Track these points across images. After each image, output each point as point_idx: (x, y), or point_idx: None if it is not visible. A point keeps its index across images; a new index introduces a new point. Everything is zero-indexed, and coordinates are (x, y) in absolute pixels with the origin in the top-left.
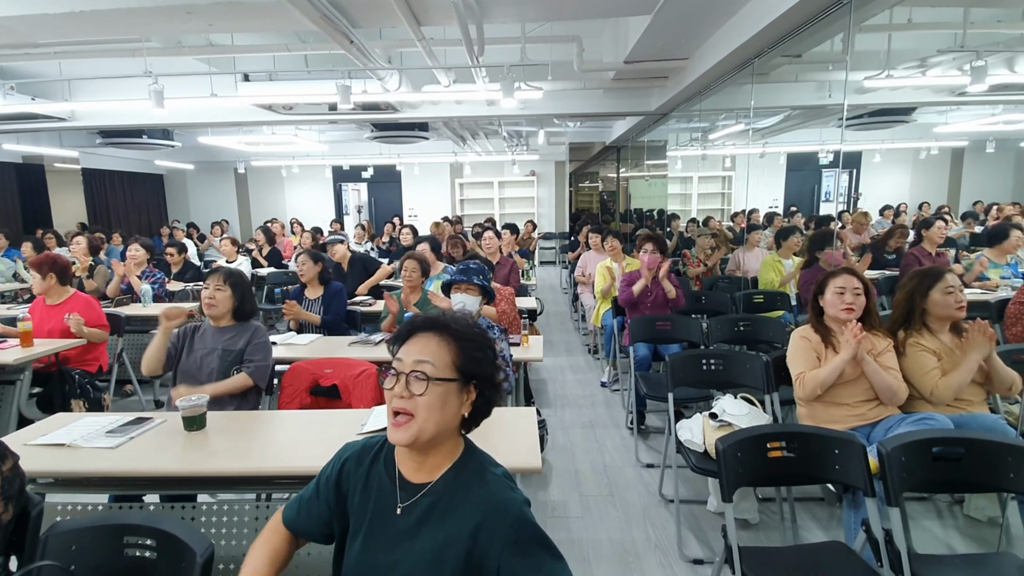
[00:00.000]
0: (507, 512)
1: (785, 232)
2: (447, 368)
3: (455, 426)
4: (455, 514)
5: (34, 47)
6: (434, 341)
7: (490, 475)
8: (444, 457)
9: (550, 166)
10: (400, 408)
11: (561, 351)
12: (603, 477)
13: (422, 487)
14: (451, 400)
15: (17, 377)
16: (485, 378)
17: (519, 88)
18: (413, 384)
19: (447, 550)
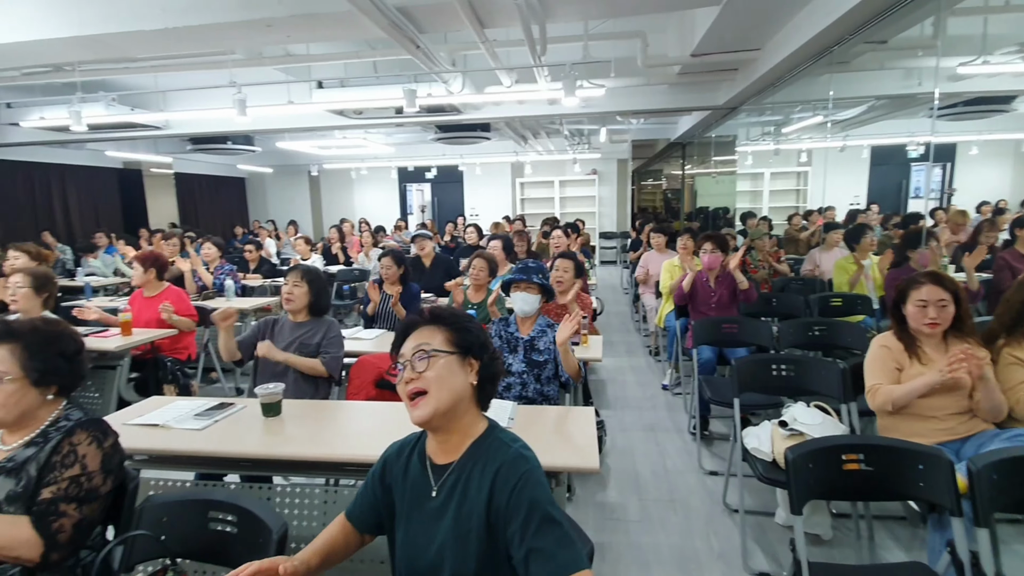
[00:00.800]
0: (513, 471)
1: (855, 232)
2: (443, 344)
3: (468, 396)
4: (473, 484)
5: (132, 61)
6: (425, 330)
7: (504, 446)
8: (465, 434)
9: (612, 164)
10: (413, 389)
11: (621, 352)
12: (664, 482)
13: (448, 467)
14: (456, 370)
15: (118, 363)
16: (480, 346)
17: (581, 86)
18: (417, 363)
19: (470, 520)
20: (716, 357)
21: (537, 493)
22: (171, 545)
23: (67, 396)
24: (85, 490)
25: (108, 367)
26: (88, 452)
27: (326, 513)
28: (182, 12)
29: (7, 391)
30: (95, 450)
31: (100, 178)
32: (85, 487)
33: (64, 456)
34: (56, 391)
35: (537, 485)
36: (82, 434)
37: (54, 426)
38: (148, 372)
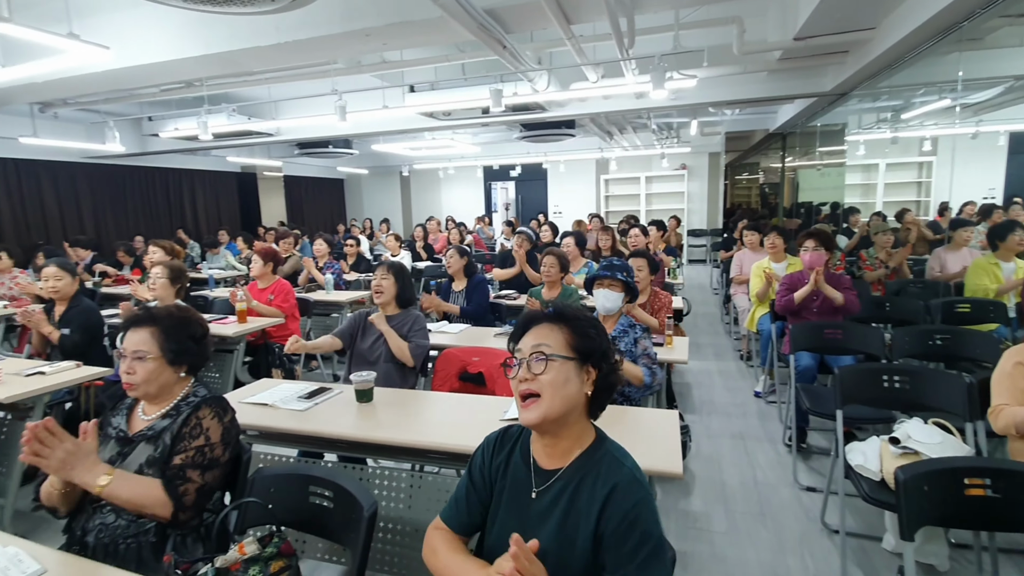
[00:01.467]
0: (629, 496)
1: (1002, 229)
2: (563, 348)
3: (581, 406)
4: (583, 498)
5: (250, 75)
6: (547, 328)
7: (618, 464)
8: (574, 442)
9: (703, 158)
10: (526, 391)
11: (709, 355)
12: (753, 494)
13: (554, 473)
14: (572, 378)
15: (235, 347)
16: (601, 354)
17: (671, 78)
18: (534, 365)
19: (576, 532)
20: (817, 365)
21: (650, 526)
22: (277, 513)
23: (195, 375)
24: (208, 459)
25: (227, 351)
26: (211, 426)
27: (412, 496)
28: (293, 28)
29: (148, 368)
30: (217, 424)
31: (222, 181)
32: (208, 456)
33: (192, 428)
34: (186, 370)
35: (651, 516)
36: (206, 409)
37: (184, 401)
38: (259, 356)
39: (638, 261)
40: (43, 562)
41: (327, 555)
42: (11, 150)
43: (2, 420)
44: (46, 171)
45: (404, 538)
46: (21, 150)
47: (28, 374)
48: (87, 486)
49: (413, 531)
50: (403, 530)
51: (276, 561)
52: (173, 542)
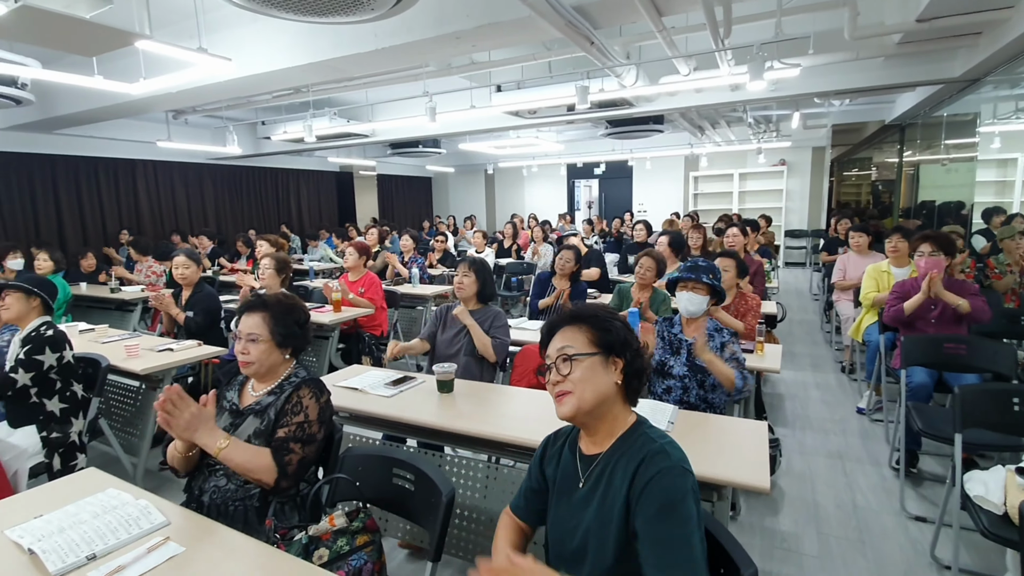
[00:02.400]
0: (654, 464)
1: None
2: (586, 346)
3: (614, 394)
4: (618, 475)
5: (350, 80)
6: (569, 330)
7: (651, 440)
8: (612, 428)
9: (804, 153)
10: (559, 391)
11: (805, 365)
12: (851, 519)
13: (595, 457)
14: (599, 371)
15: (330, 334)
16: (623, 344)
17: (771, 68)
18: (561, 367)
19: (612, 509)
20: (933, 382)
21: (672, 493)
22: (364, 491)
23: (297, 357)
24: (307, 434)
25: (323, 337)
26: (310, 404)
27: (487, 487)
28: (390, 34)
29: (259, 348)
30: (314, 403)
31: (322, 180)
32: (307, 432)
33: (293, 405)
34: (290, 352)
35: (675, 481)
36: (306, 389)
37: (287, 380)
38: (351, 344)
39: (725, 262)
40: (167, 515)
41: (407, 536)
42: (150, 153)
43: (137, 389)
44: (178, 171)
45: (479, 526)
46: (158, 153)
47: (159, 350)
48: (207, 447)
49: (488, 520)
50: (478, 518)
51: (361, 535)
52: (273, 508)
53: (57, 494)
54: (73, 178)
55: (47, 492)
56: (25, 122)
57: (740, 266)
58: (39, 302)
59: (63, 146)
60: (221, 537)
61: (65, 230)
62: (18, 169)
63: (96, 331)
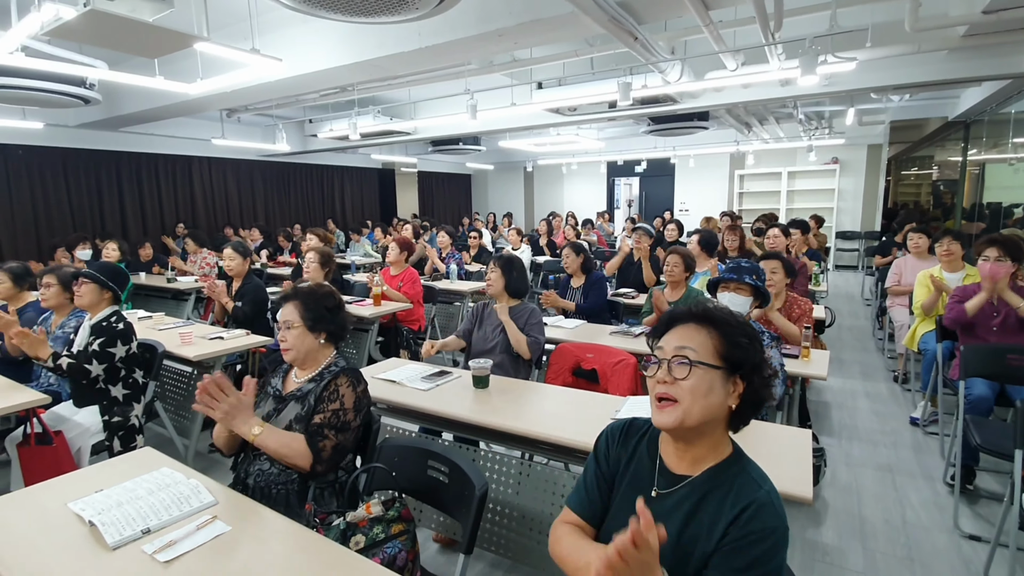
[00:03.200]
0: (758, 520)
1: None
2: (710, 355)
3: (721, 418)
4: (708, 512)
5: (393, 79)
6: (695, 329)
7: (753, 484)
8: (708, 452)
9: (859, 151)
10: (663, 393)
11: (855, 373)
12: (900, 535)
13: (682, 479)
14: (716, 388)
15: (369, 327)
16: (752, 367)
17: (824, 62)
18: (676, 369)
19: (694, 545)
20: (994, 395)
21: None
22: (399, 481)
23: (336, 346)
24: (341, 421)
25: (363, 330)
26: (346, 393)
27: (520, 483)
28: (433, 33)
29: (294, 334)
30: (351, 392)
31: (365, 176)
32: (341, 419)
33: (331, 393)
34: (326, 337)
35: (776, 551)
36: (344, 378)
37: (327, 369)
38: (390, 337)
39: (771, 263)
40: (215, 495)
41: (440, 528)
42: (205, 150)
43: (190, 375)
44: (230, 167)
45: (512, 522)
46: (212, 150)
47: (211, 338)
48: (243, 435)
49: (520, 516)
50: (511, 514)
51: (396, 524)
52: (313, 493)
53: (116, 471)
54: (135, 173)
55: (107, 468)
56: (93, 120)
57: (787, 267)
58: (111, 294)
59: (127, 143)
60: (264, 518)
61: (127, 222)
62: (87, 165)
63: (153, 318)
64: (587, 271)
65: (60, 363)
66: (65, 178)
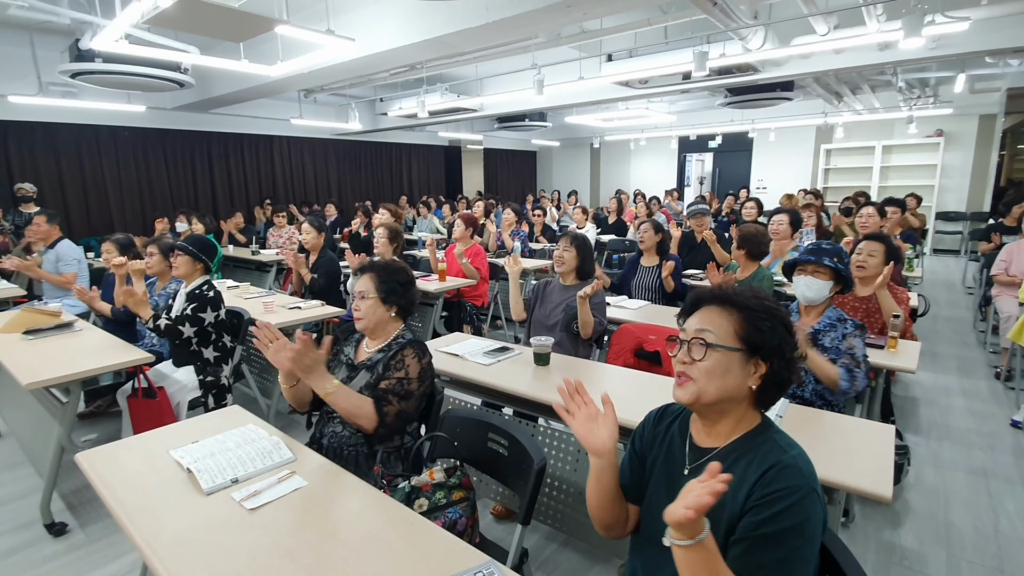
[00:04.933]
0: (782, 478)
1: None
2: (729, 337)
3: (742, 396)
4: (735, 475)
5: (460, 55)
6: (717, 312)
7: (780, 449)
8: (734, 426)
9: (969, 122)
10: (681, 371)
11: (950, 368)
12: (991, 544)
13: (709, 451)
14: (734, 369)
15: (435, 301)
16: (774, 349)
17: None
18: (694, 350)
19: (721, 509)
20: None
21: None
22: (461, 450)
23: (404, 319)
24: (405, 390)
25: (428, 304)
26: (411, 364)
27: (578, 460)
28: (501, 7)
29: (368, 304)
30: (416, 363)
31: (432, 154)
32: (405, 387)
33: (397, 362)
34: (396, 311)
35: (803, 504)
36: (410, 350)
37: (395, 340)
38: (453, 312)
39: (872, 245)
40: (294, 451)
41: (499, 497)
42: (284, 129)
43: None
44: (307, 146)
45: (568, 498)
46: (291, 129)
47: (290, 307)
48: (318, 389)
49: (577, 493)
50: (568, 490)
51: (458, 491)
52: (380, 456)
53: (209, 424)
54: (223, 152)
55: (202, 422)
56: (187, 103)
57: (891, 251)
58: (202, 265)
59: (216, 124)
60: (337, 476)
61: (217, 198)
62: (182, 145)
63: (240, 288)
64: (661, 253)
65: (159, 323)
66: (164, 157)
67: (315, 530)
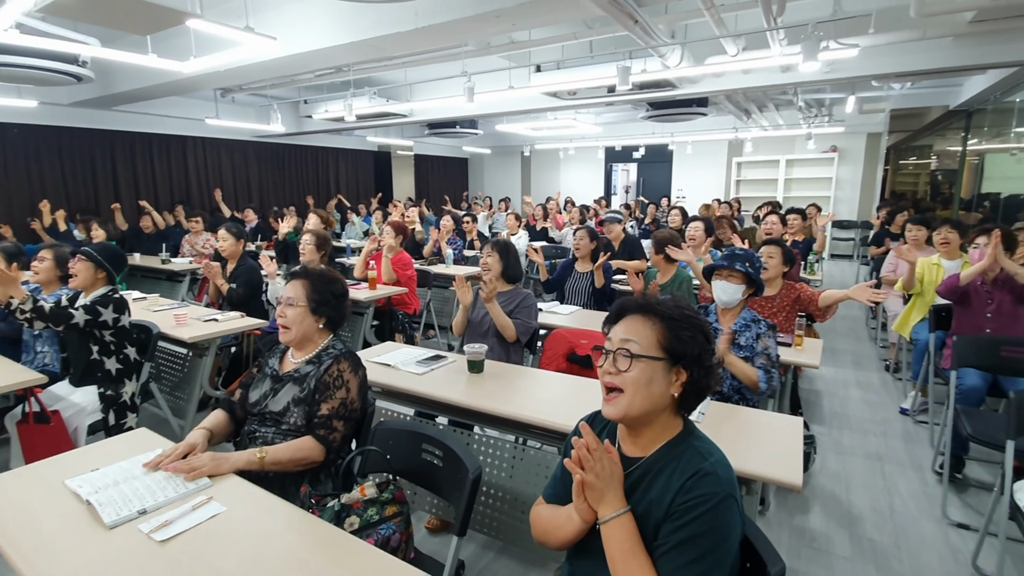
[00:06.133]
0: (700, 486)
1: None
2: (652, 347)
3: (666, 405)
4: (658, 486)
5: (390, 59)
6: (639, 321)
7: (700, 456)
8: (658, 434)
9: (859, 140)
10: (609, 384)
11: (847, 362)
12: (887, 523)
13: (636, 460)
14: (658, 378)
15: (365, 311)
16: (694, 359)
17: (826, 48)
18: (619, 360)
19: (648, 518)
20: (987, 385)
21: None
22: (394, 464)
23: (333, 331)
24: (349, 411)
25: (358, 313)
26: (351, 379)
27: (513, 467)
28: (430, 13)
29: (296, 313)
30: (355, 378)
31: (361, 159)
32: (348, 408)
33: (334, 379)
34: (326, 322)
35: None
36: (345, 363)
37: (325, 352)
38: (384, 321)
39: (770, 248)
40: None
41: (434, 509)
42: (199, 130)
43: (185, 356)
44: (225, 148)
45: (504, 504)
46: (206, 130)
47: (205, 320)
48: (249, 465)
49: (512, 499)
50: (504, 497)
51: (391, 506)
52: (308, 476)
53: (112, 450)
54: (129, 152)
55: (103, 448)
56: (86, 99)
57: (787, 255)
58: (106, 274)
59: (120, 122)
60: (259, 500)
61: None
62: (81, 144)
63: (148, 300)
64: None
65: (40, 305)
66: (60, 157)
67: (235, 558)
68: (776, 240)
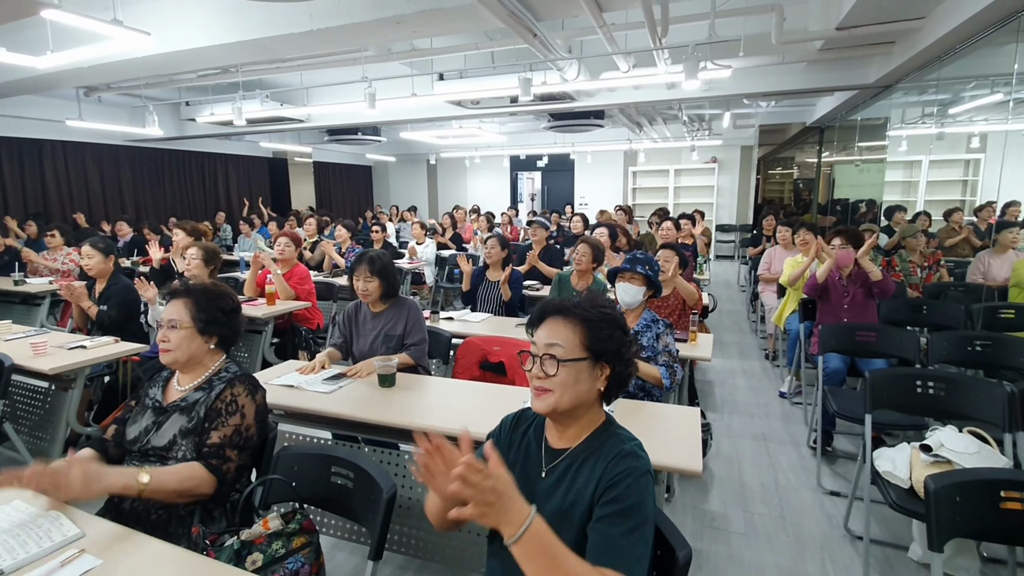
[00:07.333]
0: (621, 464)
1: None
2: (576, 348)
3: (592, 399)
4: (584, 473)
5: (283, 62)
6: (562, 324)
7: (620, 441)
8: (583, 427)
9: (734, 152)
10: (539, 386)
11: (733, 353)
12: (774, 496)
13: (562, 452)
14: (583, 376)
15: (263, 328)
16: (614, 353)
17: (704, 68)
18: (547, 365)
19: (574, 506)
20: (847, 367)
21: (634, 496)
22: (300, 491)
23: (226, 351)
24: (244, 438)
25: (255, 331)
26: (246, 403)
27: None
28: (326, 15)
29: (180, 335)
30: (251, 402)
31: (254, 166)
32: (244, 436)
33: (227, 404)
34: (217, 342)
35: (640, 484)
36: (240, 387)
37: (217, 375)
38: (286, 338)
39: (667, 252)
40: (81, 526)
41: (347, 534)
42: (59, 132)
43: (46, 390)
44: (91, 153)
45: (422, 521)
46: (68, 133)
47: (71, 347)
48: (127, 490)
49: None
50: (421, 513)
51: (298, 537)
52: (199, 515)
53: None
54: None
55: None
56: None
57: (682, 259)
58: None
59: None
60: (142, 547)
61: None
62: None
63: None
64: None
65: None
66: None
67: None
68: (672, 244)
